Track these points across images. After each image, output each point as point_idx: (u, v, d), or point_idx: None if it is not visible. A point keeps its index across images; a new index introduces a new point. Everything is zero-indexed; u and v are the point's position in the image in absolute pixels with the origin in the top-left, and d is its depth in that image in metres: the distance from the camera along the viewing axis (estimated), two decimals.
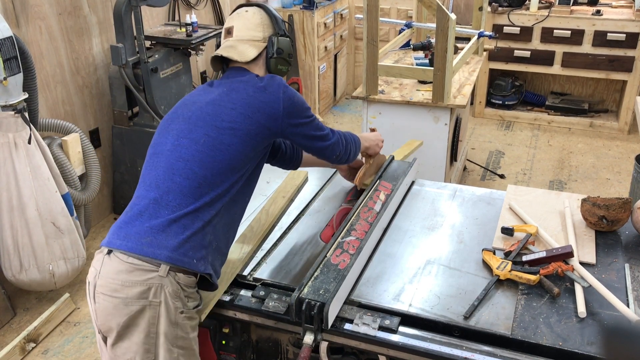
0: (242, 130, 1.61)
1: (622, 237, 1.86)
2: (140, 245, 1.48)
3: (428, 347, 1.47)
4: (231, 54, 1.74)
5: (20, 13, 3.04)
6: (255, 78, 1.72)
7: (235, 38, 1.76)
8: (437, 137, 3.20)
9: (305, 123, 1.71)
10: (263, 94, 1.65)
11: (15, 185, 2.71)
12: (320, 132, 1.75)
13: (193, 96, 1.74)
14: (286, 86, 1.71)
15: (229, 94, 1.67)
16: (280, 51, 1.78)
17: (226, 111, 1.63)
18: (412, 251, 1.82)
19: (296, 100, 1.69)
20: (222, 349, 1.74)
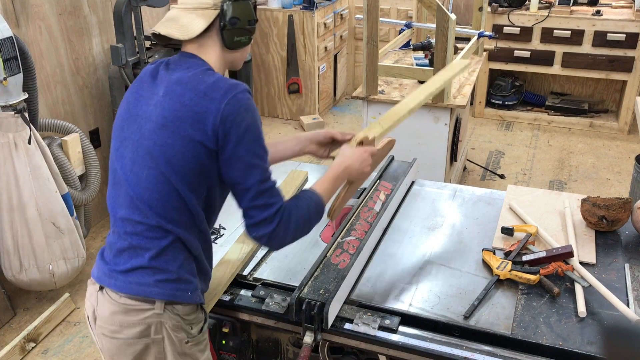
0: (177, 155, 1.34)
1: (622, 237, 1.86)
2: (129, 284, 1.39)
3: (428, 347, 1.47)
4: (170, 31, 1.40)
5: (20, 13, 3.04)
6: (201, 73, 1.38)
7: (180, 6, 1.42)
8: (437, 137, 3.20)
9: (246, 160, 1.34)
10: (200, 101, 1.34)
11: (15, 185, 2.71)
12: (261, 197, 1.36)
13: (137, 99, 1.45)
14: (239, 97, 1.34)
15: (164, 101, 1.37)
16: (236, 20, 1.40)
17: (158, 130, 1.36)
18: (412, 251, 1.82)
19: (247, 122, 1.33)
20: (222, 348, 1.74)
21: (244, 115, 1.34)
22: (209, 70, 1.41)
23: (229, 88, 1.35)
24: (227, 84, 1.37)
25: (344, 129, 5.25)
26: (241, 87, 1.37)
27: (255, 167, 1.36)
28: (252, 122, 1.35)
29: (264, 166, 1.37)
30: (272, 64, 5.32)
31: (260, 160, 1.37)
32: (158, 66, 1.47)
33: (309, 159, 4.69)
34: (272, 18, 5.13)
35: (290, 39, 5.14)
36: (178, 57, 1.46)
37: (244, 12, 1.42)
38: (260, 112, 5.59)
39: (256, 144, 1.36)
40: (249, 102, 1.37)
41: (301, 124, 5.32)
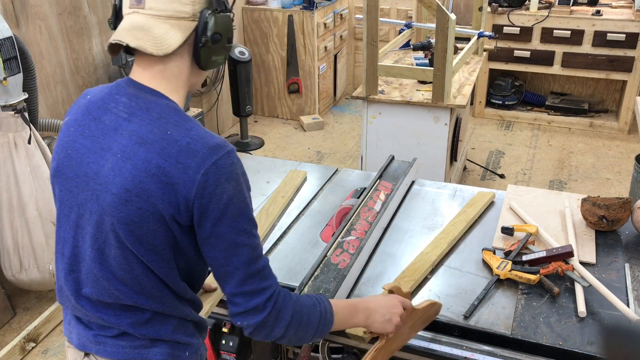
0: (147, 234, 1.13)
1: (622, 237, 1.86)
2: (122, 348, 1.23)
3: (428, 347, 1.47)
4: (143, 44, 1.11)
5: (20, 13, 3.04)
6: (169, 123, 1.12)
7: (148, 12, 1.12)
8: (437, 137, 3.20)
9: (229, 239, 1.14)
10: (171, 169, 1.09)
11: (15, 185, 2.71)
12: (250, 282, 1.16)
13: (80, 151, 1.18)
14: (220, 163, 1.11)
15: (123, 167, 1.11)
16: (218, 37, 1.15)
17: (120, 206, 1.12)
18: (412, 251, 1.82)
19: (229, 194, 1.11)
20: (222, 348, 1.74)
21: (226, 186, 1.11)
22: (176, 113, 1.15)
23: (208, 153, 1.10)
24: (205, 145, 1.11)
25: (344, 129, 5.27)
26: (224, 150, 1.12)
27: (241, 246, 1.14)
28: (236, 192, 1.13)
29: (252, 243, 1.16)
30: (272, 64, 5.32)
31: (246, 236, 1.15)
32: (106, 100, 1.19)
33: (310, 159, 4.69)
34: (272, 18, 5.13)
35: (290, 39, 5.14)
36: (134, 88, 1.17)
37: (226, 27, 1.17)
38: (260, 112, 5.60)
39: (241, 218, 1.14)
40: (233, 167, 1.13)
41: (301, 124, 5.32)
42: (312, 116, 5.36)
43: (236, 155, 1.16)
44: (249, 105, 4.76)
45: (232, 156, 1.14)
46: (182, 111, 1.18)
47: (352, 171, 2.37)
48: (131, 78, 1.20)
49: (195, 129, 1.14)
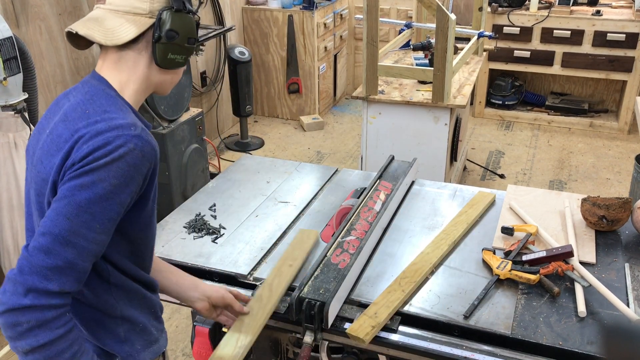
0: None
1: (622, 237, 1.86)
2: None
3: (428, 347, 1.47)
4: (91, 32, 1.17)
5: (20, 13, 3.04)
6: (93, 102, 1.17)
7: (107, 6, 1.20)
8: (437, 137, 3.20)
9: (54, 214, 1.08)
10: (74, 141, 1.12)
11: (15, 185, 2.71)
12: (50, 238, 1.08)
13: (39, 131, 1.26)
14: (113, 142, 1.10)
15: (44, 143, 1.20)
16: (173, 34, 1.19)
17: (37, 179, 1.21)
18: (412, 251, 1.82)
19: (96, 175, 1.09)
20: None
21: (101, 161, 1.08)
22: (107, 98, 1.18)
23: (104, 128, 1.11)
24: (108, 123, 1.12)
25: (344, 129, 5.27)
26: (124, 131, 1.11)
27: (62, 217, 1.08)
28: (106, 180, 1.09)
29: (75, 230, 1.08)
30: (272, 64, 5.32)
31: (70, 234, 1.07)
32: (71, 89, 1.27)
33: (310, 159, 4.69)
34: (272, 18, 5.13)
35: (290, 39, 5.14)
36: (90, 76, 1.25)
37: (185, 26, 1.21)
38: (260, 112, 5.60)
39: (84, 211, 1.08)
40: (123, 150, 1.10)
41: (301, 124, 5.32)
42: (312, 116, 5.36)
43: (138, 143, 1.12)
44: (249, 105, 4.76)
45: (130, 141, 1.11)
46: (117, 98, 1.20)
47: (352, 171, 2.37)
48: (95, 68, 1.26)
49: (113, 112, 1.15)
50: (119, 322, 1.27)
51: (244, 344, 1.45)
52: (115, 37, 1.17)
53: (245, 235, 1.92)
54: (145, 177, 1.17)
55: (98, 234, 1.11)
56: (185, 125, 3.65)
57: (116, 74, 1.22)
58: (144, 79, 1.24)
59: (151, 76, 1.25)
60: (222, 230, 1.95)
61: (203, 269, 1.76)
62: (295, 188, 2.22)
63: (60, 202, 1.09)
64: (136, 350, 1.30)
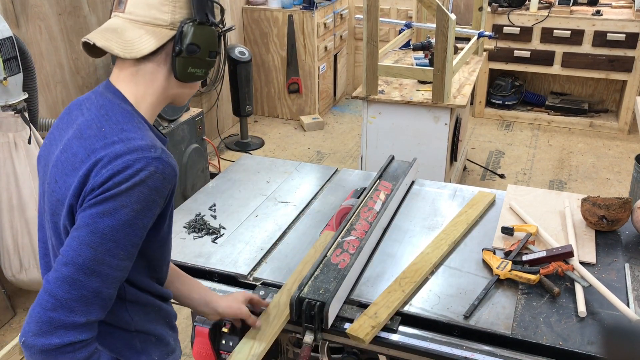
0: (64, 230, 1.14)
1: (622, 237, 1.86)
2: None
3: (428, 347, 1.47)
4: (110, 44, 1.13)
5: (20, 13, 3.04)
6: (109, 121, 1.13)
7: (127, 16, 1.15)
8: (437, 137, 3.20)
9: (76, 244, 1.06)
10: (92, 162, 1.09)
11: (15, 185, 2.71)
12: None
13: (51, 142, 1.23)
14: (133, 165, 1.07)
15: (58, 160, 1.16)
16: (195, 48, 1.15)
17: (49, 196, 1.18)
18: (412, 251, 1.82)
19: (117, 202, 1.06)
20: (222, 348, 1.74)
21: (122, 190, 1.05)
22: (123, 114, 1.14)
23: (124, 151, 1.07)
24: (126, 144, 1.08)
25: (344, 129, 5.27)
26: (143, 153, 1.08)
27: (86, 246, 1.05)
28: (128, 206, 1.06)
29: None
30: (272, 64, 5.32)
31: (94, 263, 1.05)
32: (85, 97, 1.23)
33: (310, 159, 4.69)
34: (272, 18, 5.13)
35: (290, 39, 5.14)
36: (104, 88, 1.20)
37: (207, 40, 1.17)
38: (260, 112, 5.60)
39: (107, 239, 1.05)
40: (142, 173, 1.06)
41: (301, 124, 5.32)
42: (312, 116, 5.36)
43: (159, 166, 1.09)
44: (249, 105, 4.76)
45: (151, 164, 1.08)
46: (134, 115, 1.16)
47: (352, 171, 2.37)
48: (109, 79, 1.22)
49: (131, 131, 1.11)
50: (134, 334, 1.26)
51: (258, 352, 1.44)
52: (134, 49, 1.12)
53: (245, 235, 1.92)
54: (166, 198, 1.15)
55: (122, 261, 1.09)
56: (185, 125, 3.65)
57: (133, 87, 1.18)
58: (162, 91, 1.20)
59: (169, 89, 1.21)
60: (222, 230, 1.94)
61: (203, 269, 1.76)
62: (295, 188, 2.22)
63: (82, 230, 1.06)
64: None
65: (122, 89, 1.18)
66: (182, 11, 1.15)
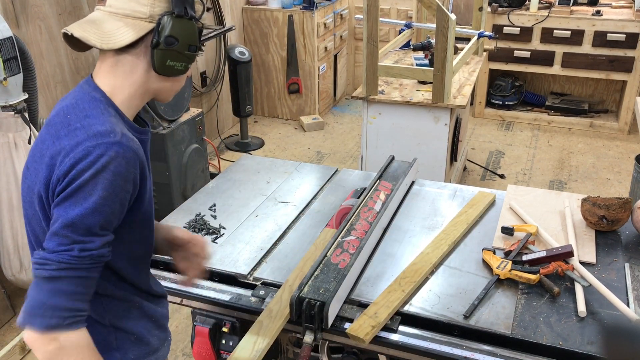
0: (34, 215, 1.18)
1: (622, 237, 1.86)
2: None
3: (428, 347, 1.47)
4: (87, 35, 1.14)
5: (20, 13, 3.04)
6: (77, 109, 1.15)
7: (107, 8, 1.17)
8: (437, 137, 3.20)
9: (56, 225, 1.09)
10: (56, 150, 1.12)
11: (15, 186, 2.71)
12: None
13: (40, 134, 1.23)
14: (94, 151, 1.09)
15: (32, 148, 1.20)
16: (173, 40, 1.16)
17: (22, 183, 1.22)
18: (412, 251, 1.82)
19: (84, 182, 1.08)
20: (222, 348, 1.74)
21: (84, 173, 1.08)
22: (91, 101, 1.16)
23: (85, 138, 1.09)
24: (88, 131, 1.10)
25: (344, 129, 5.27)
26: (102, 139, 1.09)
27: (60, 236, 1.08)
28: (91, 186, 1.08)
29: (75, 239, 1.08)
30: (272, 64, 5.32)
31: (73, 232, 1.08)
32: (68, 93, 1.26)
33: (310, 159, 4.69)
34: (272, 18, 5.13)
35: (290, 39, 5.14)
36: (85, 80, 1.23)
37: (186, 33, 1.18)
38: (260, 112, 5.60)
39: (79, 211, 1.08)
40: (104, 159, 1.08)
41: (301, 124, 5.32)
42: (312, 116, 5.36)
43: (119, 150, 1.11)
44: (249, 105, 4.76)
45: (110, 148, 1.10)
46: (102, 102, 1.17)
47: (352, 171, 2.37)
48: (92, 72, 1.24)
49: (93, 117, 1.13)
50: (110, 330, 1.26)
51: (261, 347, 1.45)
52: (111, 40, 1.14)
53: (245, 235, 1.92)
54: (134, 182, 1.15)
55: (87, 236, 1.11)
56: (185, 126, 3.65)
57: (111, 79, 1.19)
58: (141, 84, 1.21)
59: (149, 82, 1.22)
60: (222, 230, 1.95)
61: None
62: (295, 188, 2.23)
63: (55, 224, 1.09)
64: (128, 359, 1.28)
65: (100, 80, 1.20)
66: (161, 4, 1.16)
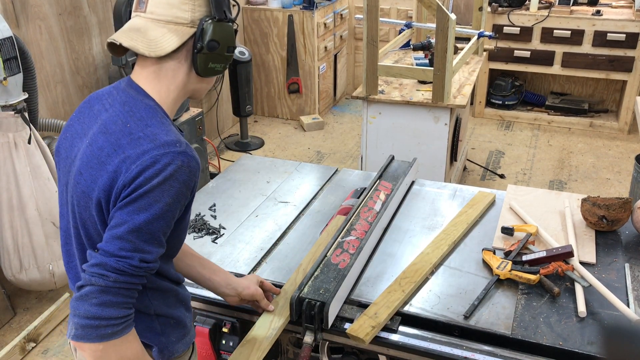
0: (87, 221, 1.21)
1: (622, 237, 1.86)
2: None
3: (428, 347, 1.47)
4: (135, 44, 1.18)
5: (20, 13, 3.04)
6: (134, 117, 1.18)
7: (148, 15, 1.19)
8: (437, 137, 3.20)
9: (121, 229, 1.12)
10: (116, 159, 1.14)
11: (15, 185, 2.71)
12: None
13: (73, 136, 1.27)
14: (162, 160, 1.12)
15: (84, 154, 1.20)
16: (215, 44, 1.20)
17: (73, 188, 1.22)
18: (412, 251, 1.82)
19: (151, 190, 1.11)
20: (222, 348, 1.74)
21: (152, 181, 1.11)
22: (147, 110, 1.19)
23: (151, 148, 1.13)
24: (153, 140, 1.14)
25: (344, 129, 5.26)
26: (169, 149, 1.13)
27: (125, 240, 1.12)
28: (158, 193, 1.11)
29: (138, 246, 1.12)
30: (272, 64, 5.32)
31: (137, 238, 1.12)
32: (105, 92, 1.28)
33: (310, 159, 4.69)
34: (272, 18, 5.13)
35: (290, 38, 5.14)
36: (126, 84, 1.25)
37: (225, 36, 1.22)
38: (260, 112, 5.60)
39: (145, 217, 1.11)
40: (171, 168, 1.12)
41: (301, 124, 5.32)
42: (312, 116, 5.36)
43: (185, 160, 1.15)
44: (249, 105, 4.76)
45: (177, 158, 1.14)
46: (157, 111, 1.21)
47: (352, 171, 2.37)
48: (130, 76, 1.26)
49: (154, 127, 1.17)
50: (154, 317, 1.31)
51: (277, 326, 1.52)
52: (158, 47, 1.17)
53: (245, 235, 1.92)
54: (193, 190, 1.21)
55: (157, 249, 1.17)
56: (185, 125, 3.65)
57: (156, 84, 1.23)
58: (182, 87, 1.25)
59: (189, 84, 1.26)
60: (222, 230, 1.95)
61: None
62: (295, 188, 2.23)
63: (120, 227, 1.12)
64: (171, 342, 1.34)
65: (144, 85, 1.23)
66: (201, 9, 1.20)
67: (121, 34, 1.20)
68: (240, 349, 1.48)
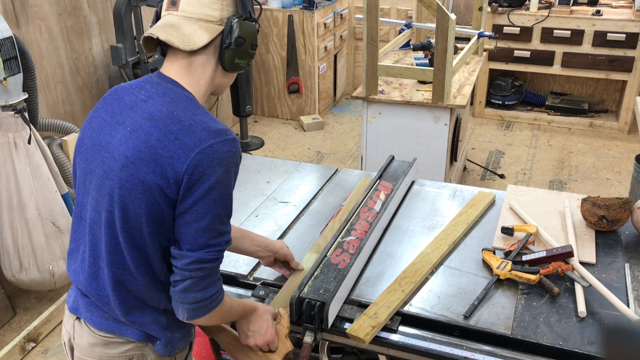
0: (134, 202, 1.23)
1: (622, 237, 1.86)
2: (106, 321, 1.35)
3: (428, 347, 1.47)
4: (171, 38, 1.26)
5: (20, 13, 3.04)
6: (178, 107, 1.25)
7: (180, 13, 1.29)
8: (437, 137, 3.20)
9: (203, 221, 1.22)
10: (169, 144, 1.21)
11: (15, 185, 2.71)
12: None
13: (100, 125, 1.32)
14: (216, 147, 1.22)
15: (129, 139, 1.25)
16: (241, 41, 1.30)
17: (118, 171, 1.25)
18: (412, 251, 1.82)
19: (217, 177, 1.21)
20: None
21: (217, 169, 1.21)
22: (188, 100, 1.28)
23: (207, 135, 1.22)
24: (206, 128, 1.23)
25: (344, 129, 5.27)
26: (223, 136, 1.23)
27: (210, 229, 1.23)
28: (224, 179, 1.22)
29: (221, 230, 1.25)
30: (272, 64, 5.32)
31: (219, 223, 1.25)
32: (133, 85, 1.34)
33: (310, 159, 4.69)
34: (272, 18, 5.13)
35: (290, 38, 5.14)
36: (158, 78, 1.32)
37: (250, 33, 1.32)
38: (260, 112, 5.60)
39: (220, 203, 1.23)
40: (229, 155, 1.23)
41: (301, 124, 5.32)
42: (312, 116, 5.36)
43: (236, 145, 1.26)
44: (249, 105, 4.76)
45: (231, 145, 1.24)
46: (196, 101, 1.30)
47: (352, 171, 2.37)
48: (160, 71, 1.34)
49: (200, 115, 1.26)
50: (162, 312, 1.37)
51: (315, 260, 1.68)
52: (191, 42, 1.27)
53: None
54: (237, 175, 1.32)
55: (227, 226, 1.29)
56: None
57: (188, 78, 1.31)
58: (211, 81, 1.34)
59: (215, 79, 1.35)
60: None
61: None
62: (295, 188, 2.23)
63: (203, 220, 1.22)
64: (175, 338, 1.40)
65: (178, 79, 1.31)
66: (229, 8, 1.30)
67: (158, 29, 1.28)
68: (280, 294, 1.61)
